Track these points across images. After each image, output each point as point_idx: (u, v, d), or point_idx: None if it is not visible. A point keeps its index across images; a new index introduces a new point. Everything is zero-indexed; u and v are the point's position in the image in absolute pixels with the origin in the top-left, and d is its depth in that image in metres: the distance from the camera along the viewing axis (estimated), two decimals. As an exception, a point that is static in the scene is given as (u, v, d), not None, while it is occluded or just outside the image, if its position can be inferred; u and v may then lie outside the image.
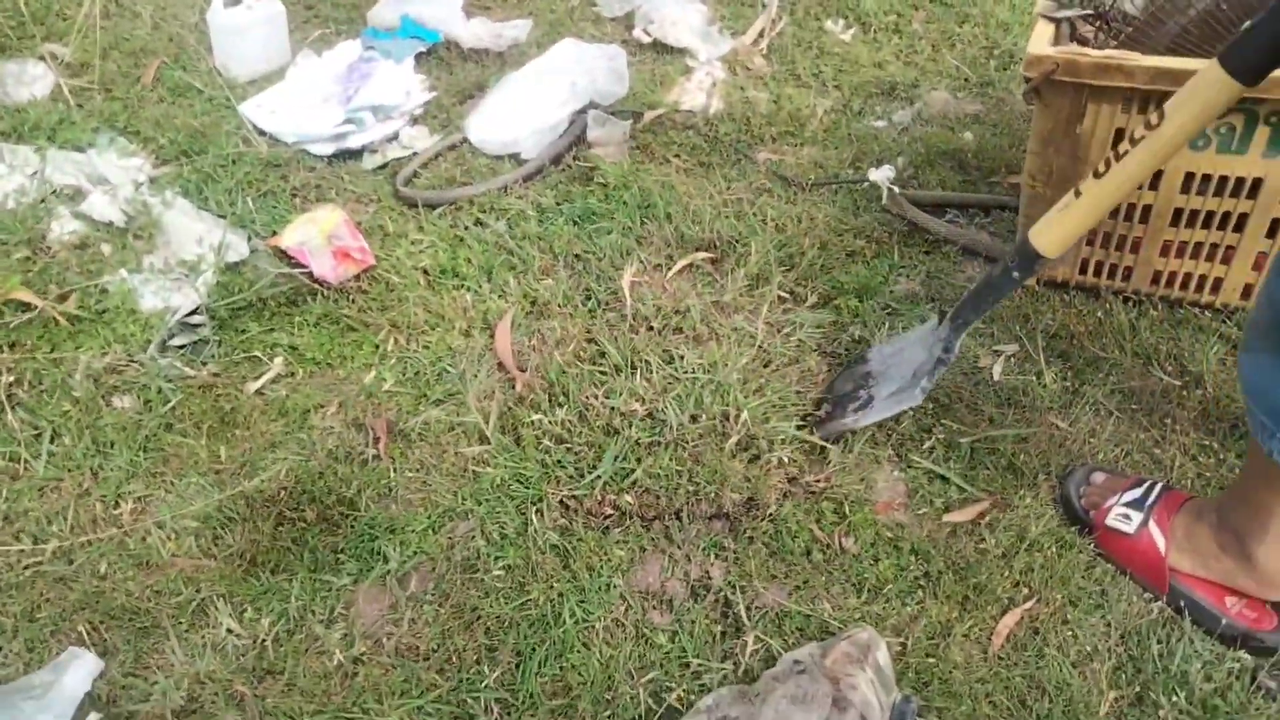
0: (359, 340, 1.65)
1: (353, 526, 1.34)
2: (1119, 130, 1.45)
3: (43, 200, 1.82)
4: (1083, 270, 1.63)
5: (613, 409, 1.44)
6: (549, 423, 1.44)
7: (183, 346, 1.63)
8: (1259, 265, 1.50)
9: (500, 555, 1.29)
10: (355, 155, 2.11)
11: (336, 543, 1.33)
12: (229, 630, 1.22)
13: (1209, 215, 1.47)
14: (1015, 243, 1.23)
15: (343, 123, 2.13)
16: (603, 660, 1.17)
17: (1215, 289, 1.56)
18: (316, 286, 1.73)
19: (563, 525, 1.33)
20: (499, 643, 1.20)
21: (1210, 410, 1.43)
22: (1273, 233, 1.45)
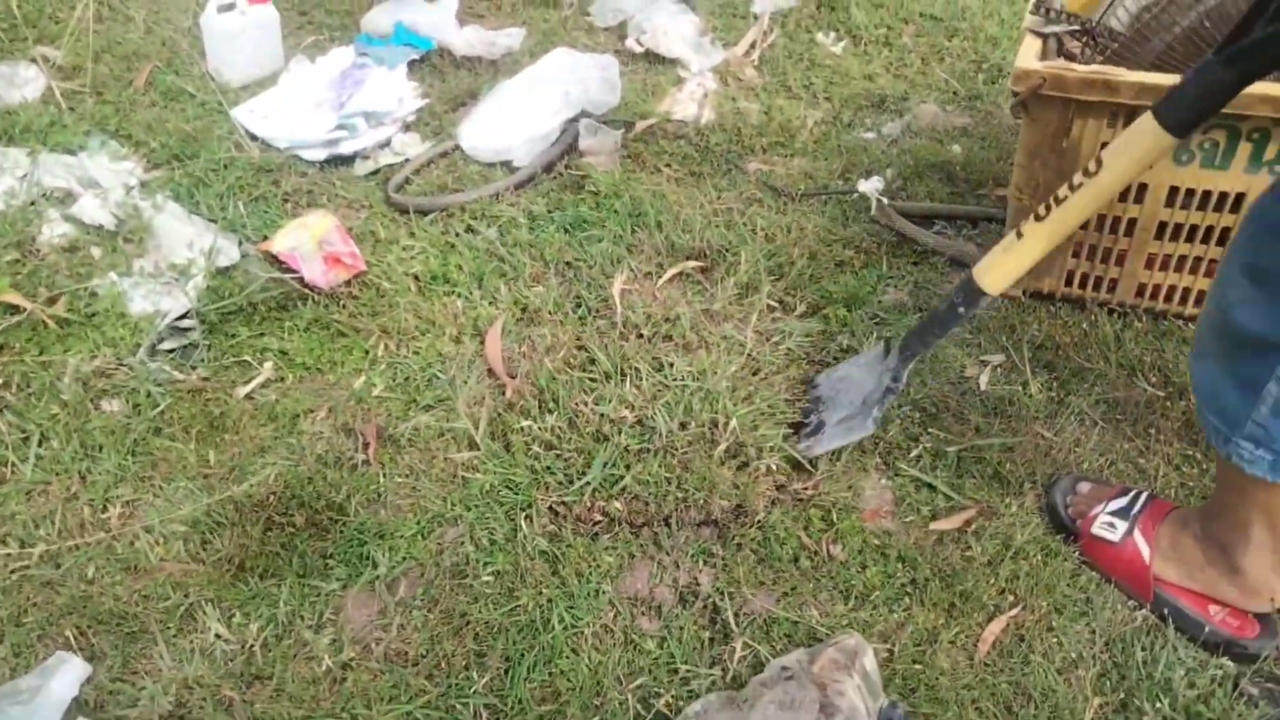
0: (349, 345, 1.65)
1: (342, 532, 1.34)
2: (1104, 145, 1.47)
3: (32, 203, 1.82)
4: (1069, 282, 1.64)
5: (602, 416, 1.45)
6: (539, 429, 1.44)
7: (172, 350, 1.63)
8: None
9: (489, 561, 1.30)
10: (347, 161, 2.12)
11: (325, 548, 1.32)
12: (217, 635, 1.22)
13: (1192, 229, 1.50)
14: (960, 280, 1.28)
15: (335, 129, 2.13)
16: (591, 666, 1.18)
17: (1199, 301, 1.58)
18: (307, 292, 1.73)
19: (552, 531, 1.33)
20: (488, 648, 1.20)
21: (1193, 421, 1.45)
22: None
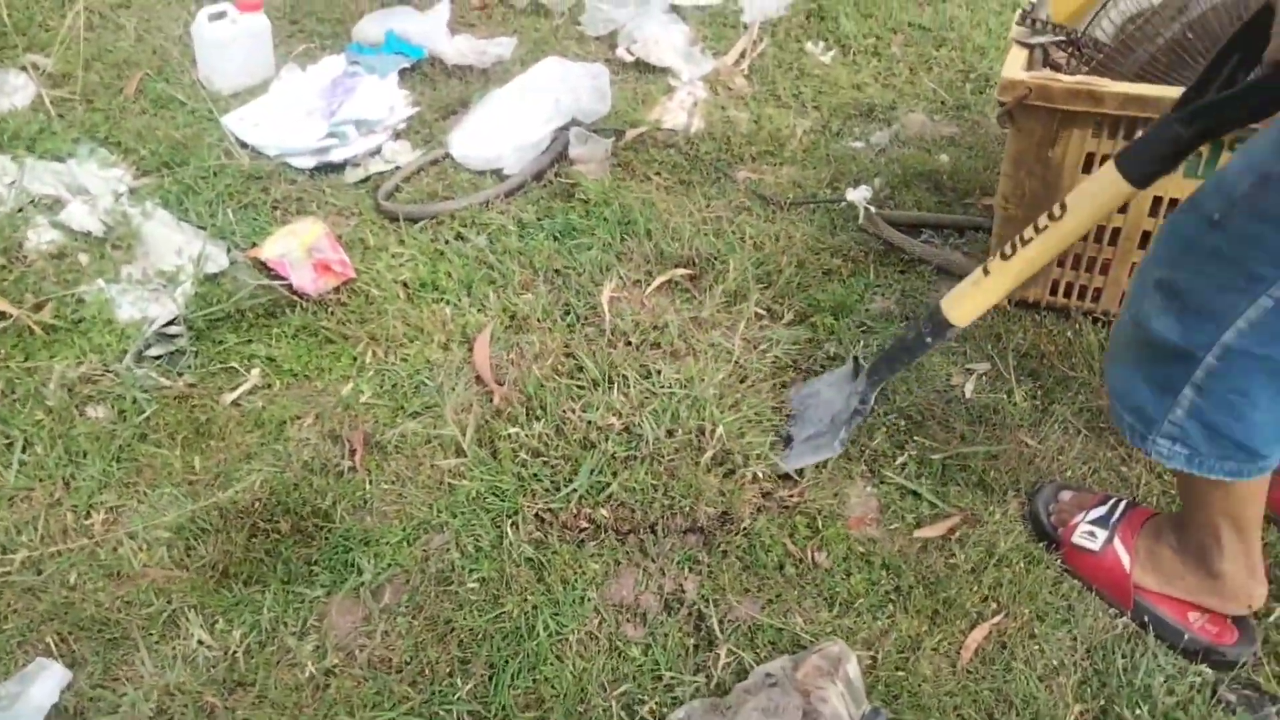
0: (337, 352, 1.65)
1: (327, 538, 1.34)
2: (1089, 154, 1.48)
3: (20, 209, 1.81)
4: (1053, 291, 1.65)
5: (590, 423, 1.45)
6: (526, 436, 1.45)
7: (159, 357, 1.62)
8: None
9: (475, 568, 1.30)
10: (337, 169, 2.12)
11: (310, 554, 1.32)
12: (200, 642, 1.22)
13: (1175, 238, 1.50)
14: (928, 309, 1.32)
15: (325, 136, 2.14)
16: (576, 673, 1.18)
17: (1182, 310, 1.59)
18: (296, 299, 1.73)
19: (538, 538, 1.33)
20: (472, 655, 1.20)
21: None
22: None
